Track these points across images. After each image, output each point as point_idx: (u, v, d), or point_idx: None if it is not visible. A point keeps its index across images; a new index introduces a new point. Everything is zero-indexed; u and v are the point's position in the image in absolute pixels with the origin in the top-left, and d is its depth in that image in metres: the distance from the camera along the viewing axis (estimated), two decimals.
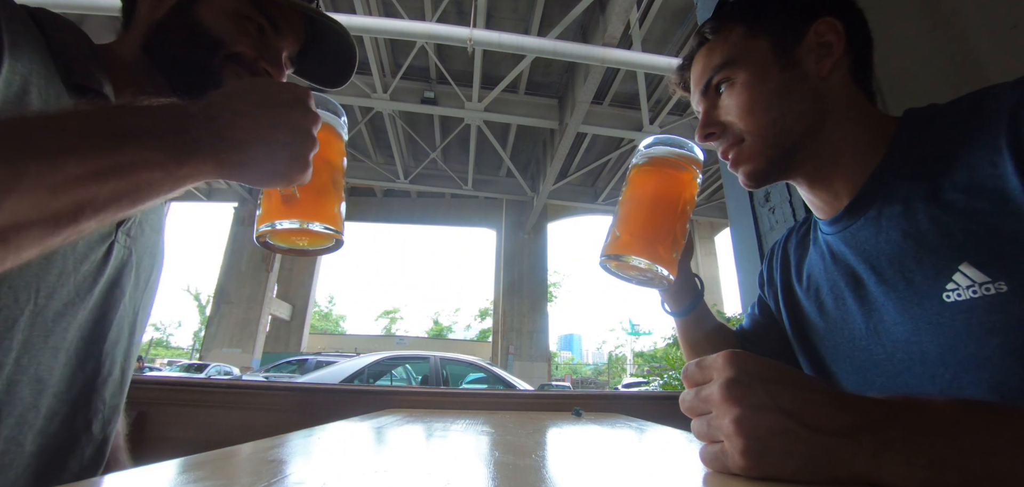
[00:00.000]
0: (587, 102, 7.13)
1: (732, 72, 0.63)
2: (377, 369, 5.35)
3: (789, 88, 0.60)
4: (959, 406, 0.33)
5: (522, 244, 11.88)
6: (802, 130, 0.60)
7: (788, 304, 0.72)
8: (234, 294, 13.16)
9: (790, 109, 0.60)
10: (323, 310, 31.95)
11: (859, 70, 0.62)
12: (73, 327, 0.50)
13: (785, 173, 0.63)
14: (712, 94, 0.66)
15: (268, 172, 0.41)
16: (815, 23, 0.60)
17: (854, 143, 0.60)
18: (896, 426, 0.33)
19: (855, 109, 0.60)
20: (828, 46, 0.60)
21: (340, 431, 0.61)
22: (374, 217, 13.53)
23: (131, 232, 0.60)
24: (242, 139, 0.39)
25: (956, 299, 0.47)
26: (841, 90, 0.60)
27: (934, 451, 0.31)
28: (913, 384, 0.51)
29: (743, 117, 0.62)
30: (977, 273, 0.45)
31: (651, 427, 0.77)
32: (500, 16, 6.86)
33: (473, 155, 9.76)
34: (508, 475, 0.39)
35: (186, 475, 0.32)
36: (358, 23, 5.90)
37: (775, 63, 0.61)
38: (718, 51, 0.65)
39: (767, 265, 0.80)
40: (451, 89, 7.76)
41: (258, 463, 0.38)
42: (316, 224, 0.47)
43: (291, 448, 0.46)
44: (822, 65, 0.60)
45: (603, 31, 5.96)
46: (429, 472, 0.37)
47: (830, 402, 0.35)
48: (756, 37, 0.62)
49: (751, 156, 0.63)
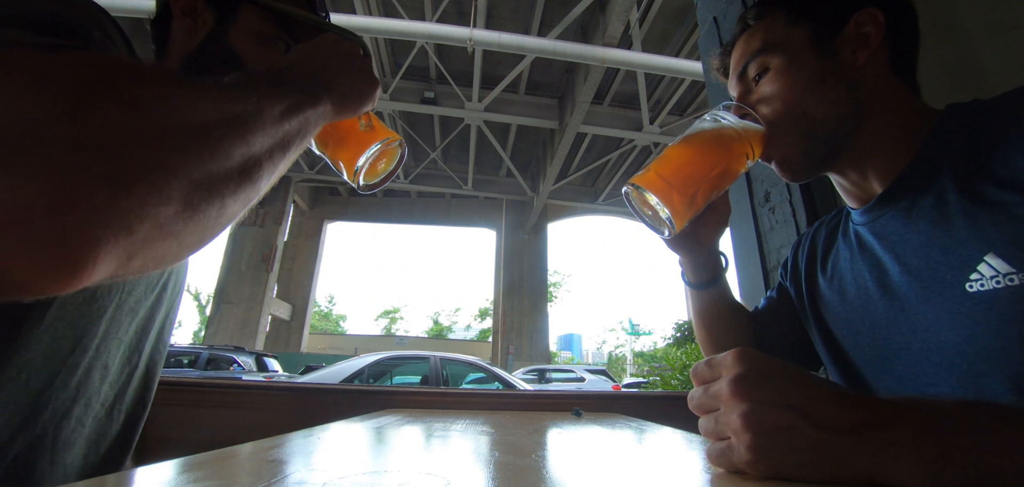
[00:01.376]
0: (587, 102, 7.13)
1: (769, 58, 0.63)
2: (377, 369, 5.35)
3: (823, 77, 0.60)
4: (965, 406, 0.33)
5: (522, 244, 11.87)
6: (836, 119, 0.60)
7: (809, 290, 0.71)
8: (234, 294, 13.16)
9: (824, 97, 0.60)
10: (323, 310, 31.94)
11: (900, 62, 0.61)
12: (135, 322, 0.53)
13: (823, 164, 0.62)
14: (748, 80, 0.66)
15: (363, 94, 0.50)
16: (856, 13, 0.60)
17: (891, 134, 0.59)
18: (902, 424, 0.33)
19: (893, 100, 0.60)
20: (866, 37, 0.59)
21: (340, 431, 0.61)
22: (374, 217, 13.52)
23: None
24: (339, 78, 0.48)
25: (979, 289, 0.47)
26: (878, 81, 0.60)
27: (939, 449, 0.31)
28: (930, 373, 0.52)
29: (775, 103, 0.62)
30: (1002, 264, 0.45)
31: (651, 427, 0.77)
32: (500, 16, 6.86)
33: (473, 155, 9.76)
34: (508, 475, 0.39)
35: (186, 475, 0.32)
36: (358, 23, 5.90)
37: (812, 51, 0.61)
38: (758, 36, 0.65)
39: (792, 253, 0.79)
40: (451, 89, 7.76)
41: (258, 463, 0.38)
42: (391, 140, 0.53)
43: (291, 448, 0.46)
44: (859, 55, 0.59)
45: (603, 31, 5.96)
46: (429, 472, 0.37)
47: (837, 400, 0.35)
48: (797, 24, 0.62)
49: (783, 145, 0.62)
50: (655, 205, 0.56)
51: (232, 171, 0.33)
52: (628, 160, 10.34)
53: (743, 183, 1.19)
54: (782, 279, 0.80)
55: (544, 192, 9.78)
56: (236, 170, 0.33)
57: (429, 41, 6.40)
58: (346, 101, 0.49)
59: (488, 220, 12.74)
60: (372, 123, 0.55)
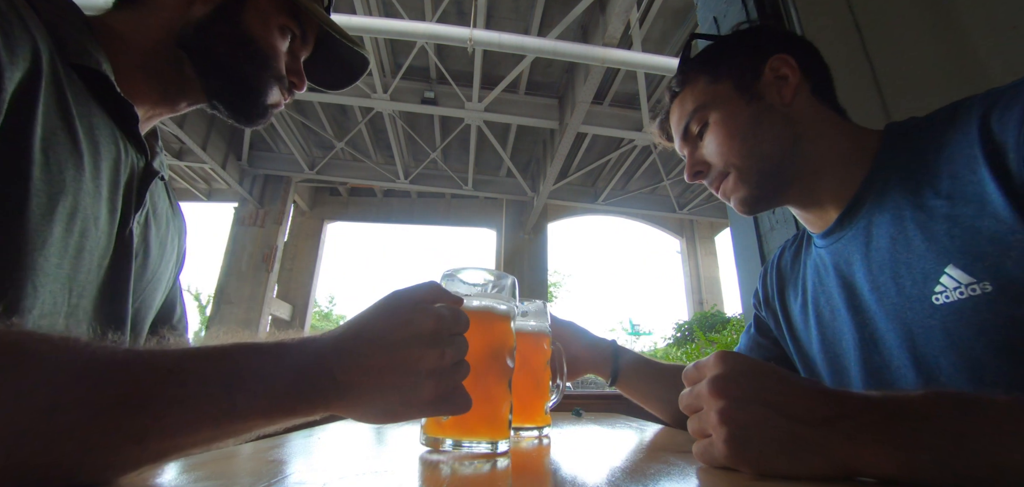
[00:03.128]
0: (587, 102, 7.12)
1: (705, 114, 0.68)
2: None
3: (759, 118, 0.65)
4: (930, 395, 0.35)
5: (522, 244, 11.87)
6: (780, 152, 0.64)
7: (785, 318, 0.74)
8: (234, 294, 13.15)
9: (764, 135, 0.64)
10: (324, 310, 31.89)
11: (822, 93, 0.66)
12: (96, 319, 0.51)
13: (775, 196, 0.67)
14: (692, 139, 0.71)
15: (379, 413, 0.38)
16: (769, 60, 0.65)
17: (834, 156, 0.63)
18: (872, 414, 0.35)
19: (827, 124, 0.64)
20: (784, 77, 0.65)
21: (340, 431, 0.61)
22: (374, 217, 13.51)
23: (146, 231, 0.60)
24: (354, 382, 0.36)
25: (945, 301, 0.49)
26: (809, 111, 0.64)
27: (908, 435, 0.33)
28: (912, 388, 0.53)
29: (723, 152, 0.66)
30: (962, 275, 0.47)
31: (651, 427, 0.77)
32: (500, 16, 6.86)
33: (473, 155, 9.76)
34: (508, 474, 0.39)
35: (186, 475, 0.32)
36: (358, 23, 5.89)
37: (741, 99, 0.66)
38: (689, 99, 0.70)
39: (762, 284, 0.83)
40: (451, 89, 7.75)
41: (258, 463, 0.38)
42: (466, 441, 0.44)
43: (291, 448, 0.46)
44: (784, 93, 0.64)
45: (603, 31, 5.95)
46: (429, 472, 0.37)
47: (811, 395, 0.37)
48: (719, 81, 0.68)
49: (738, 186, 0.67)
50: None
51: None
52: (628, 160, 10.33)
53: None
54: (756, 309, 0.83)
55: (544, 192, 9.77)
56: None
57: (429, 41, 6.40)
58: (356, 414, 0.37)
59: (488, 220, 12.73)
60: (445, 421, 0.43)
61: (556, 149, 8.47)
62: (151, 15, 0.57)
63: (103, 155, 0.50)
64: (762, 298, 0.81)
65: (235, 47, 0.60)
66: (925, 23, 0.70)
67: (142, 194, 0.57)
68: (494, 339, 0.47)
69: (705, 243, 14.86)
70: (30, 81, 0.41)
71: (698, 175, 0.70)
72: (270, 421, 0.33)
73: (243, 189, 10.39)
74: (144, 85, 0.58)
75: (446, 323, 0.38)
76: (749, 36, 0.70)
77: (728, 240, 5.61)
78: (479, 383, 0.45)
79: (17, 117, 0.40)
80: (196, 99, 0.63)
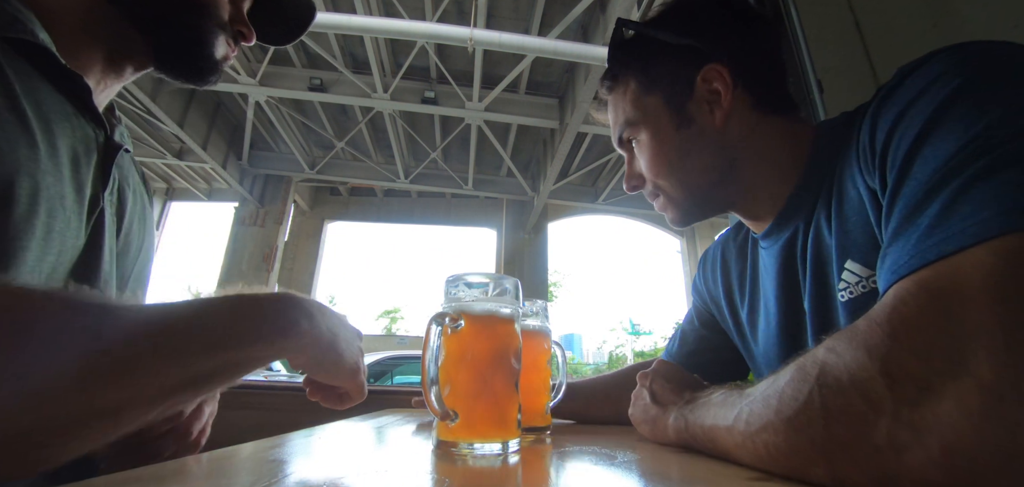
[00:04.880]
0: (588, 102, 7.11)
1: (634, 131, 0.66)
2: (377, 369, 5.33)
3: (688, 147, 0.62)
4: (723, 389, 0.46)
5: (522, 244, 11.87)
6: (709, 182, 0.64)
7: (733, 316, 0.74)
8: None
9: (693, 165, 0.63)
10: None
11: (764, 99, 0.61)
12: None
13: (705, 215, 0.67)
14: (627, 146, 0.69)
15: (319, 358, 0.48)
16: (702, 71, 0.60)
17: (768, 174, 0.61)
18: (685, 402, 0.50)
19: (764, 144, 0.61)
20: (716, 94, 0.60)
21: (340, 431, 0.61)
22: (374, 217, 13.50)
23: (121, 207, 0.59)
24: (306, 339, 0.46)
25: (849, 297, 0.50)
26: (743, 131, 0.61)
27: (680, 413, 0.49)
28: None
29: (652, 174, 0.65)
30: (861, 268, 0.48)
31: None
32: (500, 16, 6.85)
33: (473, 155, 9.75)
34: (508, 474, 0.39)
35: (187, 475, 0.32)
36: (358, 23, 5.89)
37: (671, 122, 0.62)
38: (620, 107, 0.68)
39: (701, 275, 0.83)
40: (451, 89, 7.75)
41: (258, 463, 0.38)
42: (478, 444, 0.45)
43: (291, 448, 0.46)
44: (716, 116, 0.60)
45: (604, 31, 5.95)
46: (429, 472, 0.38)
47: (675, 388, 0.55)
48: (650, 92, 0.64)
49: (667, 206, 0.67)
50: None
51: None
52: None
53: None
54: (697, 298, 0.83)
55: (544, 192, 9.77)
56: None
57: (429, 41, 6.40)
58: (300, 359, 0.47)
59: (488, 220, 12.73)
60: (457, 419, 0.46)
61: (556, 149, 8.47)
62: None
63: (58, 133, 0.47)
64: (702, 288, 0.82)
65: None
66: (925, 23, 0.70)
67: (108, 169, 0.55)
68: (499, 342, 0.48)
69: (705, 243, 14.84)
70: None
71: (635, 187, 0.70)
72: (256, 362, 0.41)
73: (243, 189, 10.39)
74: (87, 54, 0.55)
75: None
76: (679, 26, 0.62)
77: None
78: (486, 387, 0.46)
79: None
80: (142, 63, 0.60)
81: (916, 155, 0.36)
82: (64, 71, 0.49)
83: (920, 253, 0.32)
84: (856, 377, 0.30)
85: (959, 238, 0.30)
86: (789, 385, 0.34)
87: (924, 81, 0.39)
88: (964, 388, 0.26)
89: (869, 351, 0.30)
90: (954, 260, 0.30)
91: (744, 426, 0.37)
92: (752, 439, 0.36)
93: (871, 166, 0.43)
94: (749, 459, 0.37)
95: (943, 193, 0.32)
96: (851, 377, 0.30)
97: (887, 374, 0.28)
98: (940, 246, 0.31)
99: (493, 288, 0.49)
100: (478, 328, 0.47)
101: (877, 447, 0.28)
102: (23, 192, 0.42)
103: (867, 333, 0.31)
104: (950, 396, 0.26)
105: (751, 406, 0.37)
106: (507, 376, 0.47)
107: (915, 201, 0.35)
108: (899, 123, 0.39)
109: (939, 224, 0.32)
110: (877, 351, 0.29)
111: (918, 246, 0.32)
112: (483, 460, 0.43)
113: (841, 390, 0.30)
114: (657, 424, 0.53)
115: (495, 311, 0.48)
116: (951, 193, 0.32)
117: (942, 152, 0.34)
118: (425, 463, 0.42)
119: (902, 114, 0.39)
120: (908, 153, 0.37)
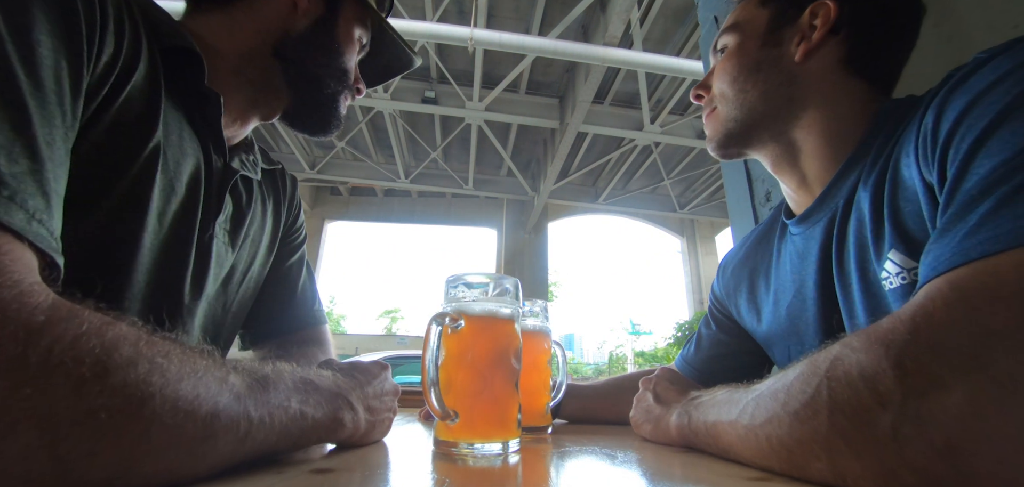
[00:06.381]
0: (588, 102, 7.12)
1: (728, 37, 0.65)
2: None
3: (760, 66, 0.60)
4: (725, 389, 0.46)
5: (523, 244, 11.87)
6: (764, 109, 0.61)
7: (754, 312, 0.72)
8: None
9: (757, 82, 0.61)
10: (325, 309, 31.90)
11: (859, 60, 0.58)
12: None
13: (743, 147, 0.64)
14: (716, 55, 0.67)
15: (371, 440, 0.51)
16: (813, 3, 0.58)
17: (823, 135, 0.58)
18: (692, 400, 0.50)
19: (834, 100, 0.58)
20: (813, 30, 0.58)
21: None
22: (374, 217, 13.50)
23: (234, 237, 0.59)
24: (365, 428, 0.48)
25: (890, 287, 0.48)
26: (819, 79, 0.58)
27: (684, 410, 0.50)
28: None
29: (721, 79, 0.64)
30: (904, 258, 0.47)
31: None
32: (501, 16, 6.85)
33: (474, 155, 9.75)
34: (508, 474, 0.39)
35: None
36: None
37: (761, 37, 0.61)
38: (734, 12, 0.66)
39: (720, 280, 0.81)
40: (452, 89, 7.75)
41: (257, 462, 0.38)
42: (478, 444, 0.45)
43: None
44: (800, 50, 0.59)
45: (604, 31, 5.95)
46: (428, 472, 0.38)
47: (676, 389, 0.58)
48: (764, 5, 0.63)
49: (717, 122, 0.64)
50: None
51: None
52: (629, 159, 10.33)
53: (744, 182, 1.19)
54: (715, 306, 0.81)
55: (545, 192, 9.77)
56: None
57: (430, 41, 6.40)
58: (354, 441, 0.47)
59: (489, 220, 12.73)
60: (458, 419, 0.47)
61: (557, 148, 8.47)
62: (248, 22, 0.55)
63: (186, 154, 0.49)
64: (721, 293, 0.81)
65: (327, 60, 0.59)
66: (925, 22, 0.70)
67: (222, 196, 0.55)
68: (499, 342, 0.48)
69: (706, 243, 14.86)
70: (131, 61, 0.40)
71: (698, 98, 0.67)
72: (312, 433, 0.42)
73: None
74: (229, 97, 0.55)
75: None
76: None
77: (728, 239, 5.64)
78: (487, 387, 0.45)
79: (138, 105, 0.40)
80: (270, 113, 0.62)
81: (978, 151, 0.35)
82: (204, 91, 0.50)
83: (962, 251, 0.30)
84: (867, 371, 0.29)
85: (1004, 239, 0.29)
86: (798, 379, 0.33)
87: (996, 74, 0.36)
88: (976, 383, 0.25)
89: (887, 347, 0.29)
90: (993, 260, 0.28)
91: (748, 420, 0.36)
92: (755, 432, 0.35)
93: (930, 157, 0.41)
94: (751, 453, 0.36)
95: (995, 194, 0.31)
96: (862, 371, 0.29)
97: (899, 367, 0.28)
98: (982, 246, 0.30)
99: (493, 288, 0.49)
100: (478, 328, 0.46)
101: (878, 439, 0.27)
102: (154, 210, 0.44)
103: (889, 330, 0.30)
104: (960, 390, 0.25)
105: (758, 400, 0.36)
106: (507, 376, 0.47)
107: (967, 199, 0.33)
108: (966, 114, 0.37)
109: (984, 224, 0.31)
110: (895, 346, 0.29)
111: (961, 244, 0.31)
112: (483, 460, 0.43)
113: (850, 383, 0.29)
114: (660, 423, 0.54)
115: (495, 311, 0.48)
116: (1002, 195, 0.31)
117: (1003, 152, 0.33)
118: (425, 463, 0.42)
119: (971, 104, 0.37)
120: (970, 149, 0.35)
